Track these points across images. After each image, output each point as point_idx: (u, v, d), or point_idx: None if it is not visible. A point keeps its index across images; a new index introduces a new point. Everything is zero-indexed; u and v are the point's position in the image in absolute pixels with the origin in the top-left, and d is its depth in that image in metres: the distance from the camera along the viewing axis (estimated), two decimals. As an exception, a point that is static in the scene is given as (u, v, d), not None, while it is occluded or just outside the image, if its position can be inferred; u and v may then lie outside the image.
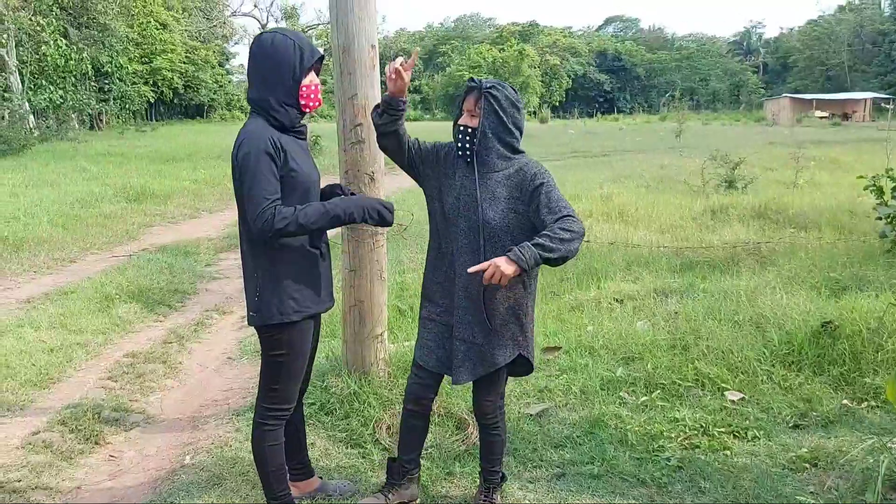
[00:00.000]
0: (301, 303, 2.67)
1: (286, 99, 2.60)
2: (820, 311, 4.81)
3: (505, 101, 2.67)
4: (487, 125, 2.67)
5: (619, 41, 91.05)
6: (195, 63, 49.88)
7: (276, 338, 2.68)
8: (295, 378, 2.78)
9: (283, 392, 2.77)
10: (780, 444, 3.60)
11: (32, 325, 5.64)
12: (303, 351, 2.77)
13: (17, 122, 23.15)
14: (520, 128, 2.74)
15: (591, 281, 6.54)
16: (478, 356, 2.76)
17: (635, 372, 4.41)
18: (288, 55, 2.58)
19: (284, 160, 2.56)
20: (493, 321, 2.72)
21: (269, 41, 2.60)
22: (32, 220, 9.95)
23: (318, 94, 2.71)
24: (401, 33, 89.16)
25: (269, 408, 2.78)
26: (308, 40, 2.70)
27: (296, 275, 2.66)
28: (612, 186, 12.78)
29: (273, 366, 2.74)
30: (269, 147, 2.52)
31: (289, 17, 38.40)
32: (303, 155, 2.70)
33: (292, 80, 2.60)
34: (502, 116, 2.67)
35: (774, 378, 4.22)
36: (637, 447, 3.59)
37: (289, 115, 2.63)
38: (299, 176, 2.62)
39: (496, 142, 2.69)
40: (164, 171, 16.41)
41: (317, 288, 2.74)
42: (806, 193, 11.03)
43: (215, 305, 6.53)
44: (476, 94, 2.69)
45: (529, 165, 2.71)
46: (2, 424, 4.05)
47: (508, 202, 2.68)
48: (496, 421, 2.96)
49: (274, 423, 2.79)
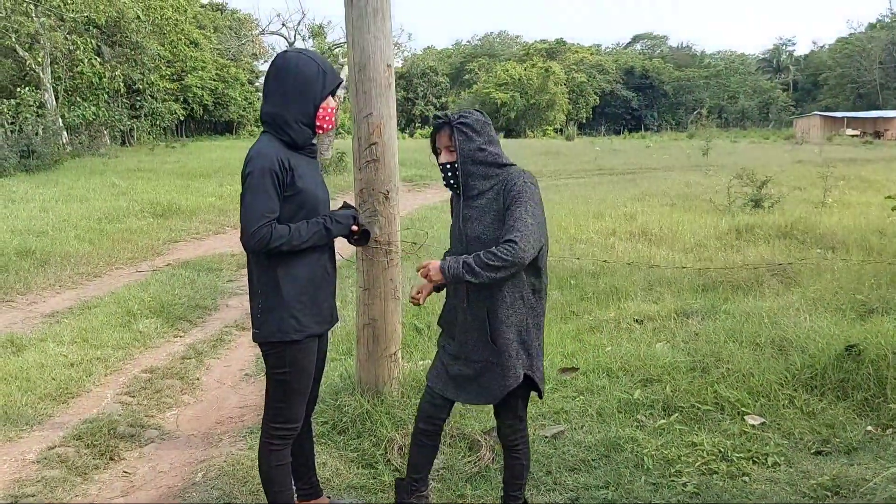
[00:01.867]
0: (302, 322, 2.67)
1: (303, 118, 2.64)
2: (844, 334, 4.70)
3: (476, 124, 2.74)
4: (464, 155, 2.72)
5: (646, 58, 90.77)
6: (225, 80, 50.55)
7: (278, 355, 2.69)
8: (299, 397, 2.77)
9: (288, 411, 2.76)
10: (801, 471, 3.50)
11: (55, 340, 5.71)
12: (305, 370, 2.75)
13: (51, 138, 23.57)
14: (495, 142, 2.78)
15: (611, 301, 6.48)
16: (483, 378, 2.75)
17: (653, 394, 4.33)
18: (312, 76, 2.63)
19: (292, 179, 2.59)
20: (497, 341, 2.71)
21: (294, 60, 2.66)
22: (60, 235, 10.10)
23: (333, 116, 2.75)
24: (428, 51, 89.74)
25: (275, 427, 2.77)
26: (330, 64, 2.74)
27: (298, 294, 2.67)
28: (637, 205, 12.70)
29: (277, 384, 2.74)
30: (275, 166, 2.56)
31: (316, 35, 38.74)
32: (312, 174, 2.73)
33: (312, 102, 2.64)
34: (476, 140, 2.72)
35: (796, 402, 4.12)
36: (654, 472, 3.52)
37: (303, 134, 2.66)
38: (306, 195, 2.64)
39: (476, 166, 2.74)
40: (192, 187, 16.61)
41: (320, 308, 2.74)
42: (834, 213, 10.86)
43: (235, 321, 6.56)
44: (447, 129, 2.75)
45: (514, 176, 2.72)
46: (19, 439, 4.09)
47: (496, 214, 2.70)
48: (517, 444, 2.92)
49: (280, 443, 2.77)
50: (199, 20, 48.22)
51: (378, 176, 3.80)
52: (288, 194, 2.60)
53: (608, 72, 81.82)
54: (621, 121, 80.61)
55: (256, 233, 2.51)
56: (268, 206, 2.54)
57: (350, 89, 3.83)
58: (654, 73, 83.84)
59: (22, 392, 4.64)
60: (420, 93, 72.24)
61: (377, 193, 3.81)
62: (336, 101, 2.77)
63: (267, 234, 2.52)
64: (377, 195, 3.81)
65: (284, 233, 2.55)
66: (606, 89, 79.72)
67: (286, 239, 2.56)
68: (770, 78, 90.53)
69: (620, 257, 7.84)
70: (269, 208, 2.54)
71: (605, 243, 9.00)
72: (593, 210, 11.97)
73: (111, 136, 35.12)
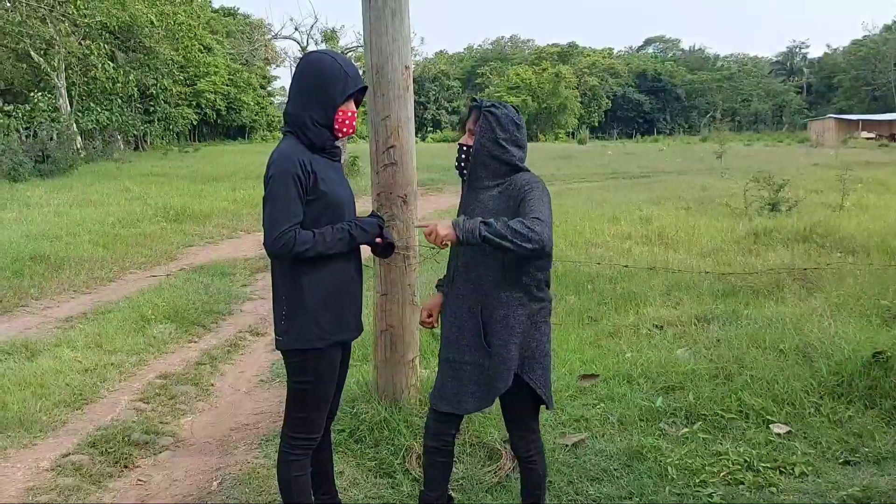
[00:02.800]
0: (326, 329, 2.61)
1: (321, 120, 2.58)
2: (870, 340, 4.60)
3: (504, 119, 2.66)
4: (481, 142, 2.66)
5: (659, 62, 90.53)
6: (237, 85, 50.84)
7: (300, 364, 2.63)
8: (321, 406, 2.71)
9: (309, 421, 2.70)
10: (829, 482, 3.41)
11: (69, 345, 5.68)
12: (328, 379, 2.69)
13: (65, 143, 23.73)
14: (519, 145, 2.70)
15: (629, 306, 6.39)
16: (481, 379, 2.69)
17: (676, 402, 4.25)
18: (333, 78, 2.57)
19: (314, 182, 2.53)
20: (493, 344, 2.64)
21: (318, 61, 2.61)
22: (74, 240, 10.11)
23: (354, 121, 2.68)
24: (441, 55, 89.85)
25: (296, 437, 2.71)
26: (356, 69, 2.67)
27: (323, 301, 2.60)
28: (652, 208, 12.60)
29: (298, 393, 2.67)
30: (297, 169, 2.50)
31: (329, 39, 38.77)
32: (334, 176, 2.67)
33: (331, 103, 2.58)
34: (498, 133, 2.64)
35: (823, 411, 4.03)
36: (677, 482, 3.44)
37: (321, 136, 2.60)
38: (329, 198, 2.59)
39: (490, 159, 2.66)
40: (205, 192, 16.64)
41: (344, 315, 2.68)
42: (853, 216, 10.72)
43: (249, 326, 6.52)
44: (476, 112, 2.70)
45: (522, 177, 2.66)
46: (33, 445, 4.05)
47: (498, 213, 2.60)
48: (531, 454, 2.85)
49: (300, 453, 2.72)
50: (211, 25, 48.46)
51: (396, 179, 3.74)
52: (311, 198, 2.54)
53: (620, 75, 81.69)
54: (634, 124, 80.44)
55: (280, 238, 2.45)
56: (291, 210, 2.47)
57: (368, 92, 3.77)
58: (666, 77, 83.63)
59: (36, 398, 4.60)
60: (432, 97, 72.40)
61: (395, 197, 3.75)
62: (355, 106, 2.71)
63: (291, 240, 2.45)
64: (395, 199, 3.75)
65: (308, 239, 2.49)
66: (619, 93, 79.59)
67: (311, 245, 2.49)
68: (783, 81, 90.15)
69: (637, 261, 7.75)
70: (292, 213, 2.48)
71: (621, 247, 8.91)
72: (608, 214, 11.88)
73: (124, 141, 35.40)
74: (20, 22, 26.12)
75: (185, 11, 37.39)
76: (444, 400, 2.77)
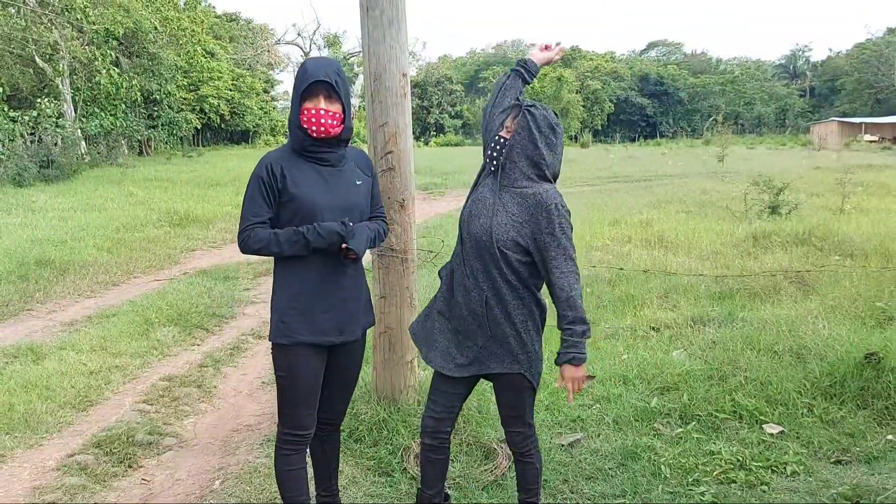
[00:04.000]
0: (292, 328, 2.69)
1: (295, 121, 2.67)
2: (864, 342, 4.66)
3: (542, 121, 2.69)
4: (518, 139, 2.69)
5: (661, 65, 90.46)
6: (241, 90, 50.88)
7: (274, 357, 2.77)
8: (298, 404, 2.77)
9: (292, 416, 2.78)
10: (820, 481, 3.47)
11: (74, 348, 5.76)
12: (300, 378, 2.74)
13: (70, 148, 23.84)
14: (554, 151, 2.72)
15: (627, 308, 6.46)
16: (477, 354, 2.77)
17: (670, 402, 4.32)
18: (298, 78, 2.67)
19: (283, 186, 2.64)
20: (494, 331, 2.72)
21: (300, 66, 2.72)
22: (79, 244, 10.20)
23: (322, 119, 2.62)
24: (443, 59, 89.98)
25: (283, 431, 2.81)
26: (322, 67, 2.66)
27: (288, 300, 2.71)
28: (653, 212, 12.65)
29: (278, 385, 2.80)
30: (262, 172, 2.65)
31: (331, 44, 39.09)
32: (315, 180, 2.69)
33: (296, 103, 2.67)
34: (535, 134, 2.68)
35: (815, 411, 4.09)
36: (671, 481, 3.50)
37: (298, 138, 2.68)
38: (300, 200, 2.65)
39: (523, 158, 2.69)
40: (208, 196, 16.74)
41: (315, 318, 2.71)
42: (853, 219, 10.75)
43: (251, 329, 6.59)
44: (516, 111, 2.74)
45: (548, 198, 2.65)
46: (39, 446, 4.13)
47: (515, 217, 2.66)
48: (528, 450, 2.91)
49: (289, 448, 2.79)
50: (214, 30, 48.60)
51: (394, 184, 3.81)
52: (283, 200, 2.66)
53: (623, 79, 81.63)
54: (636, 128, 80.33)
55: (241, 234, 2.66)
56: (252, 210, 2.66)
57: (366, 99, 3.85)
58: (669, 80, 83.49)
59: (42, 400, 4.68)
60: (435, 101, 72.37)
61: (393, 202, 3.82)
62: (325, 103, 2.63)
63: (248, 238, 2.65)
64: (393, 204, 3.83)
65: (263, 237, 2.64)
66: (621, 96, 79.47)
67: (264, 244, 2.64)
68: (786, 84, 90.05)
69: (636, 264, 7.81)
70: (252, 212, 2.65)
71: (621, 251, 8.97)
72: (609, 217, 11.93)
73: (128, 146, 35.47)
74: (25, 27, 26.26)
75: (189, 17, 37.56)
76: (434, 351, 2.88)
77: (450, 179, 21.71)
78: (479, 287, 2.71)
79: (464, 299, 2.76)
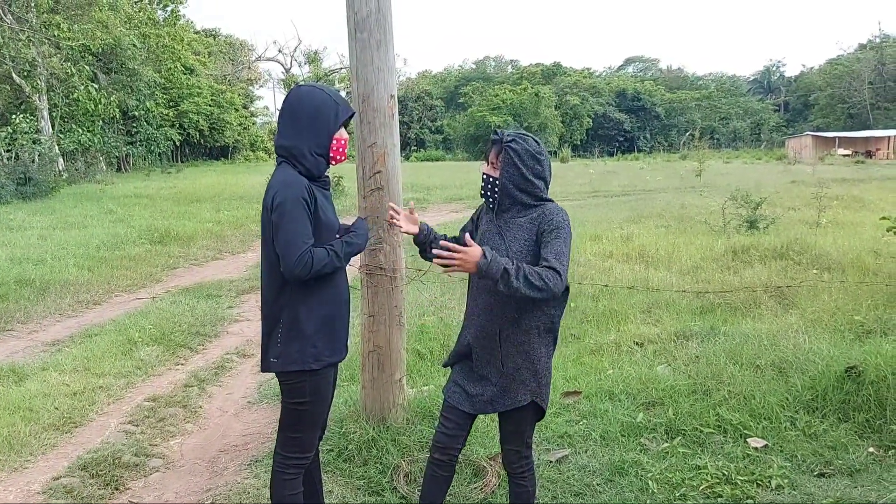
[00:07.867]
0: (323, 352, 2.71)
1: (318, 149, 2.70)
2: (844, 355, 4.73)
3: (524, 154, 2.72)
4: (507, 178, 2.74)
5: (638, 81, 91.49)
6: (220, 105, 50.71)
7: (297, 385, 2.72)
8: (315, 426, 2.81)
9: (303, 441, 2.78)
10: (805, 494, 3.53)
11: (56, 369, 5.71)
12: (323, 399, 2.80)
13: (47, 165, 23.56)
14: (542, 178, 2.77)
15: (611, 323, 6.51)
16: (492, 394, 2.79)
17: (656, 417, 4.36)
18: (326, 109, 2.70)
19: (315, 208, 2.65)
20: (506, 365, 2.74)
21: (309, 94, 2.73)
22: (59, 263, 10.10)
23: (346, 148, 2.81)
24: (424, 75, 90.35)
25: (289, 456, 2.79)
26: (343, 97, 2.80)
27: (320, 323, 2.71)
28: (633, 226, 12.76)
29: (293, 414, 2.76)
30: (304, 193, 2.61)
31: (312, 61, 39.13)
32: (327, 204, 2.78)
33: (326, 132, 2.70)
34: (521, 169, 2.72)
35: (798, 424, 4.15)
36: (658, 496, 3.54)
37: (317, 165, 2.72)
38: (324, 222, 2.70)
39: (517, 192, 2.74)
40: (189, 213, 16.63)
41: (336, 338, 2.78)
42: (829, 233, 10.92)
43: (236, 348, 6.56)
44: (498, 146, 2.77)
45: (553, 212, 2.72)
46: (24, 469, 4.09)
47: (526, 243, 2.70)
48: (522, 471, 2.93)
49: (293, 472, 2.80)
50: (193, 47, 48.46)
51: (383, 204, 3.84)
52: (314, 223, 2.67)
53: (601, 94, 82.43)
54: (614, 142, 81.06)
55: (300, 260, 2.54)
56: (305, 232, 2.59)
57: (354, 119, 3.88)
58: (646, 96, 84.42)
59: (25, 422, 4.63)
60: (415, 116, 72.66)
61: (382, 221, 3.85)
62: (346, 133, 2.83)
63: (309, 261, 2.55)
64: (381, 223, 3.85)
65: (322, 256, 2.60)
66: (600, 112, 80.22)
67: (328, 261, 2.62)
68: (761, 99, 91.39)
69: (618, 279, 7.88)
70: (307, 234, 2.59)
71: (603, 266, 9.04)
72: (590, 232, 12.02)
73: (107, 163, 35.23)
74: (2, 45, 26.04)
75: (168, 34, 37.46)
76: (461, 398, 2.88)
77: (431, 195, 21.76)
78: (492, 321, 2.74)
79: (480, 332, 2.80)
